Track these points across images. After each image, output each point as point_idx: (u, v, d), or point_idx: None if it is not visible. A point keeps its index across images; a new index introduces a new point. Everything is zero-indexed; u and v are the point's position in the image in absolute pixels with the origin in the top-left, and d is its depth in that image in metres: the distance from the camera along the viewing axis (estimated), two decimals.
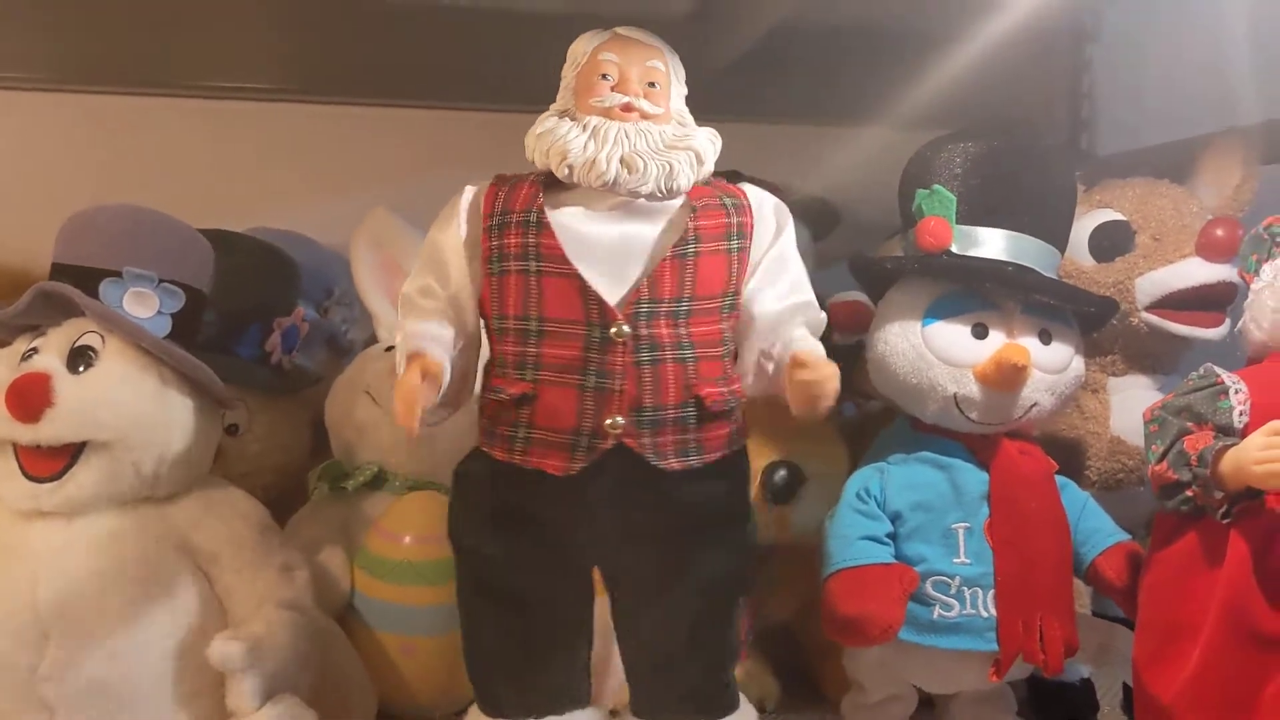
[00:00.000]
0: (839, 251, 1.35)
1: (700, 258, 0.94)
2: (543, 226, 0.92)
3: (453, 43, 1.65)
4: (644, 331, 0.92)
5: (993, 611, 1.03)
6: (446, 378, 0.94)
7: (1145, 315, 1.23)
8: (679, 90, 1.01)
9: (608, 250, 0.93)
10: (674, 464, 0.94)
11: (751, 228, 0.98)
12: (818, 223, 1.57)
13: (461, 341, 0.98)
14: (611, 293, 0.92)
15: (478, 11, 1.64)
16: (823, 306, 1.32)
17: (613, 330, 0.91)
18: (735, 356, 0.99)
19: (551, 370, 0.92)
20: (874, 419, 1.32)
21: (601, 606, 1.02)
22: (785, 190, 1.51)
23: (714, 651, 1.01)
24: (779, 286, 0.99)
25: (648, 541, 0.96)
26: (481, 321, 0.99)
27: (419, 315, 0.97)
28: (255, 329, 1.32)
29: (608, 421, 0.91)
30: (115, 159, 1.60)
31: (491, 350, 0.98)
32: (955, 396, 1.05)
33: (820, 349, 0.97)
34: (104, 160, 1.59)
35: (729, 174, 1.49)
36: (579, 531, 0.96)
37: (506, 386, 0.94)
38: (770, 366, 0.98)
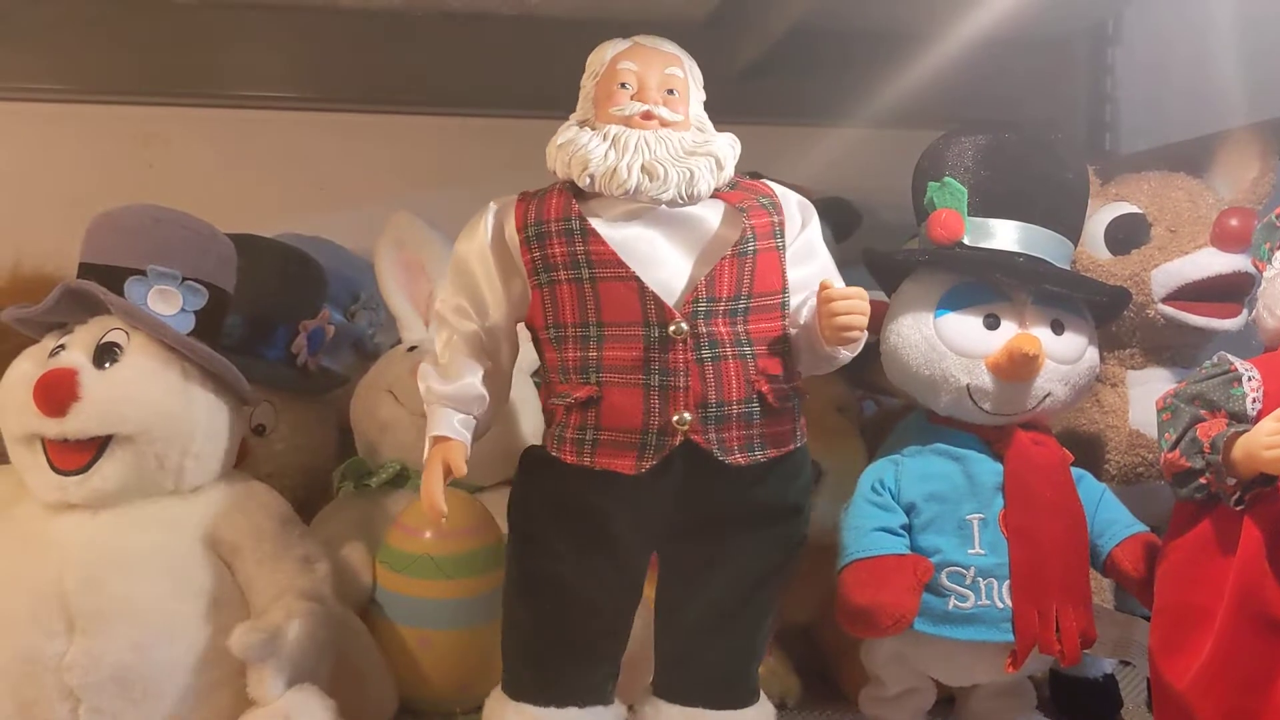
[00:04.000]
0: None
1: (759, 255, 0.96)
2: (588, 233, 0.94)
3: (478, 50, 1.67)
4: (703, 329, 0.93)
5: (1008, 602, 1.03)
6: (468, 450, 0.98)
7: (1161, 307, 1.22)
8: (698, 96, 1.02)
9: (657, 251, 0.95)
10: (740, 459, 0.95)
11: (784, 224, 1.00)
12: (840, 223, 1.57)
13: (490, 365, 1.00)
14: (667, 292, 0.94)
15: (500, 18, 1.66)
16: None
17: (671, 329, 0.92)
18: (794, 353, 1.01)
19: (615, 372, 0.94)
20: (894, 417, 1.32)
21: (641, 607, 1.03)
22: (808, 191, 1.53)
23: (745, 641, 1.02)
24: (808, 269, 1.01)
25: (707, 529, 0.98)
26: (524, 330, 1.02)
27: (453, 349, 0.99)
28: (282, 331, 1.34)
29: (675, 418, 0.93)
30: (147, 168, 1.65)
31: (547, 358, 0.99)
32: (968, 387, 1.06)
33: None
34: (136, 169, 1.64)
35: (750, 175, 1.52)
36: (643, 528, 0.97)
37: (572, 391, 0.95)
38: (805, 329, 0.99)
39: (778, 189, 1.02)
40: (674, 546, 1.00)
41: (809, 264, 1.01)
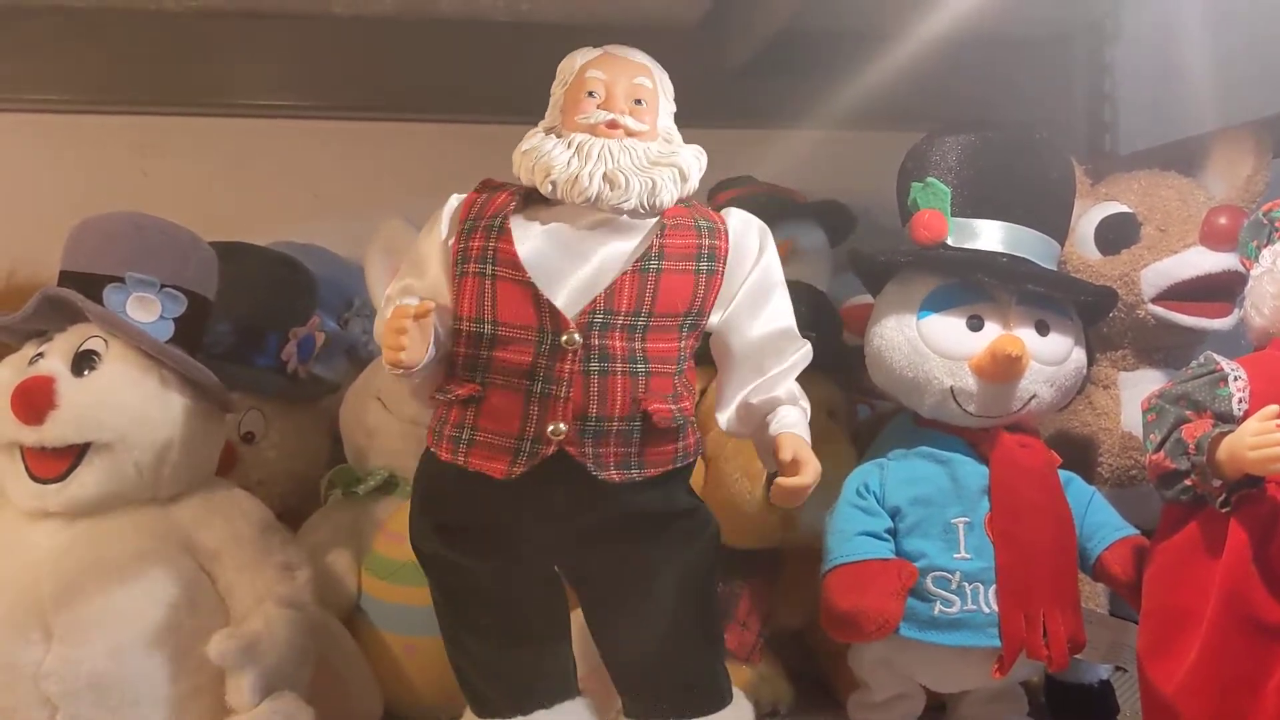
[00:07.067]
0: None
1: (663, 275, 0.94)
2: (503, 232, 0.93)
3: (471, 56, 1.66)
4: (596, 342, 0.92)
5: (994, 607, 1.02)
6: (433, 332, 0.94)
7: (1152, 307, 1.21)
8: (667, 108, 1.01)
9: (569, 260, 0.93)
10: (614, 475, 0.94)
11: (726, 252, 0.97)
12: (835, 227, 1.56)
13: (440, 331, 0.98)
14: (570, 302, 0.92)
15: (493, 24, 1.65)
16: (838, 309, 1.33)
17: (564, 338, 0.91)
18: (690, 375, 0.99)
19: (501, 374, 0.93)
20: (887, 421, 1.31)
21: None
22: (801, 195, 1.52)
23: (694, 647, 1.00)
24: (759, 317, 0.99)
25: (600, 546, 0.96)
26: None
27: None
28: (272, 338, 1.34)
29: (550, 428, 0.92)
30: (142, 177, 1.64)
31: (451, 351, 0.98)
32: (952, 389, 1.05)
33: (806, 435, 0.97)
34: (131, 178, 1.63)
35: (741, 179, 1.51)
36: (527, 535, 0.96)
37: (455, 388, 0.95)
38: (751, 420, 0.99)
39: (734, 219, 0.99)
40: (577, 567, 0.99)
41: (762, 306, 0.99)
